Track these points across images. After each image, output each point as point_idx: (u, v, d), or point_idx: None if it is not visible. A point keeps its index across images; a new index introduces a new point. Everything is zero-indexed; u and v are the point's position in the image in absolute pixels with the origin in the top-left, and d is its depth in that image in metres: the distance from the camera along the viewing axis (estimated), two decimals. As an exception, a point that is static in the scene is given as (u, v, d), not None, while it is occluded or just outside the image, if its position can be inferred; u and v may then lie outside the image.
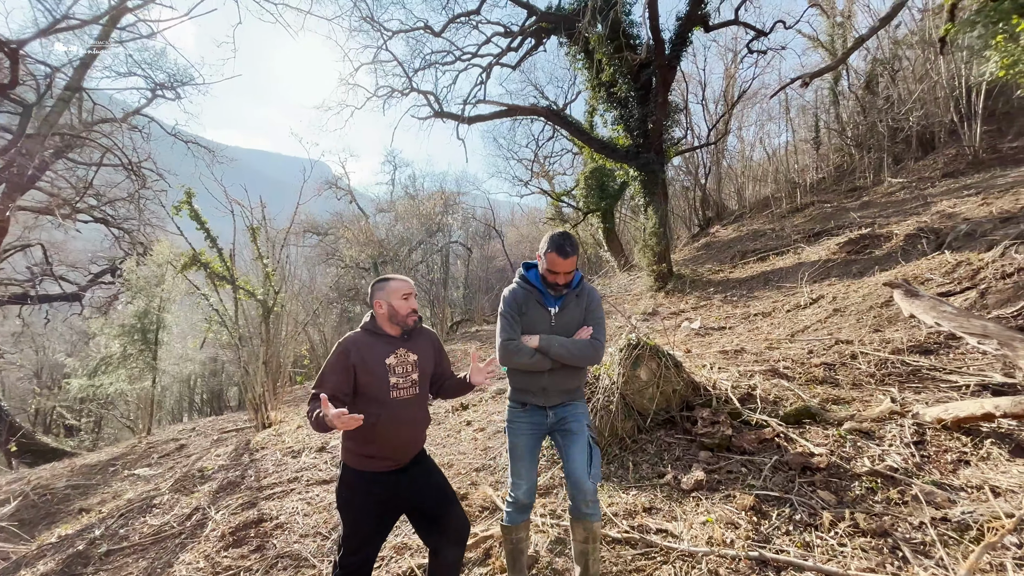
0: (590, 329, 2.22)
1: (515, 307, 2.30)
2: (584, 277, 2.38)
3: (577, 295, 2.27)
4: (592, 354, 2.18)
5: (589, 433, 2.20)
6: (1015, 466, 2.47)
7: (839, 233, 11.19)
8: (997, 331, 2.40)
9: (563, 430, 2.24)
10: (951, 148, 13.72)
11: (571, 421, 2.22)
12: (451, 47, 14.93)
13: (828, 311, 6.61)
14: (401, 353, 2.13)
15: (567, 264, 2.15)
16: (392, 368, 2.09)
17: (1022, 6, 4.02)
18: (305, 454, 5.02)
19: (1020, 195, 8.75)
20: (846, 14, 17.80)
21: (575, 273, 2.28)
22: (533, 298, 2.29)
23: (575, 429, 2.20)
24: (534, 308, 2.27)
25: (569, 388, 2.25)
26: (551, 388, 2.22)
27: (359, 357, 2.05)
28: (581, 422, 2.21)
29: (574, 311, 2.25)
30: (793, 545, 2.25)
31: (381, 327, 2.14)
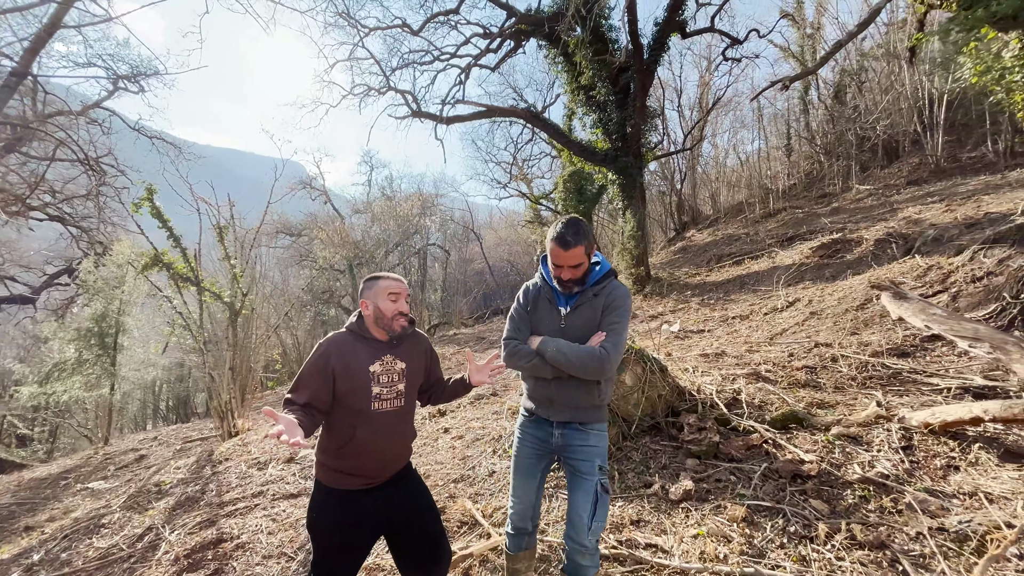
0: (603, 335, 1.87)
1: (525, 305, 2.07)
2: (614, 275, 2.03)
3: (595, 295, 1.93)
4: (595, 365, 1.81)
5: (599, 478, 1.88)
6: (1005, 471, 2.44)
7: (811, 238, 11.42)
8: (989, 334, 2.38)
9: (571, 466, 1.95)
10: (915, 157, 14.22)
11: (580, 458, 1.92)
12: (429, 47, 14.73)
13: (805, 314, 6.67)
14: (388, 360, 1.93)
15: (569, 256, 1.85)
16: (376, 376, 1.89)
17: (994, 15, 4.10)
18: (272, 466, 4.73)
19: (981, 202, 9.06)
20: (816, 26, 18.34)
21: (590, 268, 1.96)
22: (544, 295, 2.03)
23: (584, 470, 1.90)
24: (544, 306, 2.02)
25: (579, 404, 1.94)
26: (558, 400, 1.95)
27: (340, 362, 1.84)
28: (592, 462, 1.90)
29: (588, 312, 1.93)
30: (789, 560, 2.15)
31: (368, 330, 1.94)
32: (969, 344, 2.48)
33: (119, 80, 12.09)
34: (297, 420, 1.66)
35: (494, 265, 28.12)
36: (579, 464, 1.92)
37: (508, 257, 29.80)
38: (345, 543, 1.88)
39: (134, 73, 12.00)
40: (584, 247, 1.87)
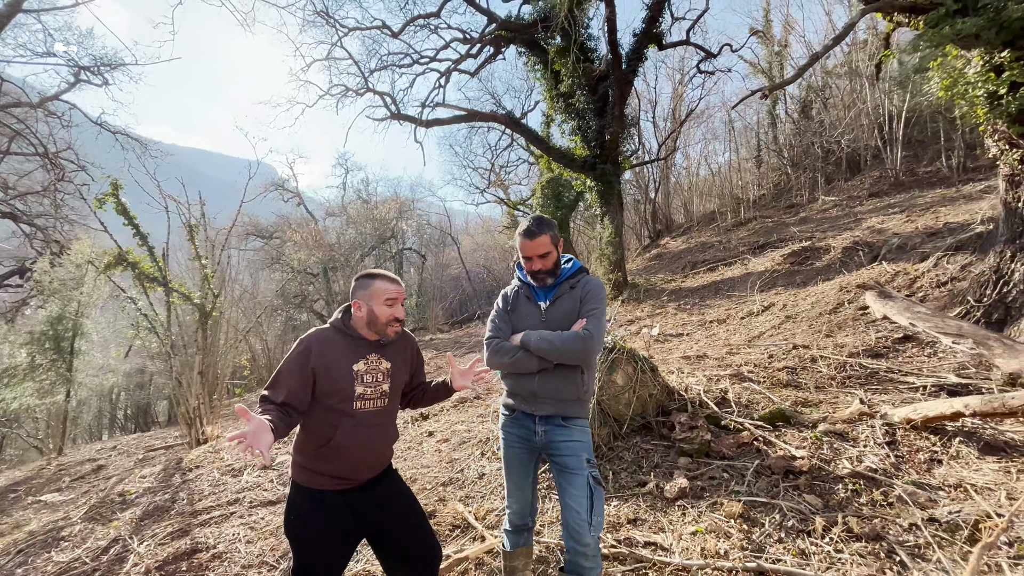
0: (583, 321, 1.91)
1: (504, 305, 2.12)
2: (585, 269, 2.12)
3: (572, 287, 2.01)
4: (579, 347, 1.84)
5: (589, 471, 1.86)
6: (986, 464, 2.53)
7: (782, 246, 11.79)
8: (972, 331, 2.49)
9: (558, 464, 1.91)
10: (875, 170, 14.91)
11: (567, 454, 1.89)
12: (409, 50, 14.64)
13: (780, 318, 6.86)
14: (372, 359, 1.85)
15: (535, 246, 1.95)
16: (360, 376, 1.80)
17: (958, 32, 4.34)
18: (247, 472, 4.53)
19: (939, 213, 9.55)
20: (783, 43, 19.11)
21: (559, 261, 2.04)
22: (523, 293, 2.10)
23: (572, 465, 1.86)
24: (524, 303, 2.08)
25: (563, 396, 1.94)
26: (541, 393, 1.95)
27: (321, 360, 1.75)
28: (579, 456, 1.87)
29: (566, 304, 1.99)
30: (788, 554, 2.17)
31: (355, 328, 1.86)
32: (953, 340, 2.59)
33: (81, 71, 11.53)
34: (270, 422, 1.54)
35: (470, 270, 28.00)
36: (566, 460, 1.89)
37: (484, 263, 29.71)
38: (324, 546, 1.79)
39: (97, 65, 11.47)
40: (549, 237, 1.96)
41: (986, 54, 4.40)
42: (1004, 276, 4.67)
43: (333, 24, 12.01)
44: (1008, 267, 4.66)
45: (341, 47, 12.50)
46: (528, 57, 14.30)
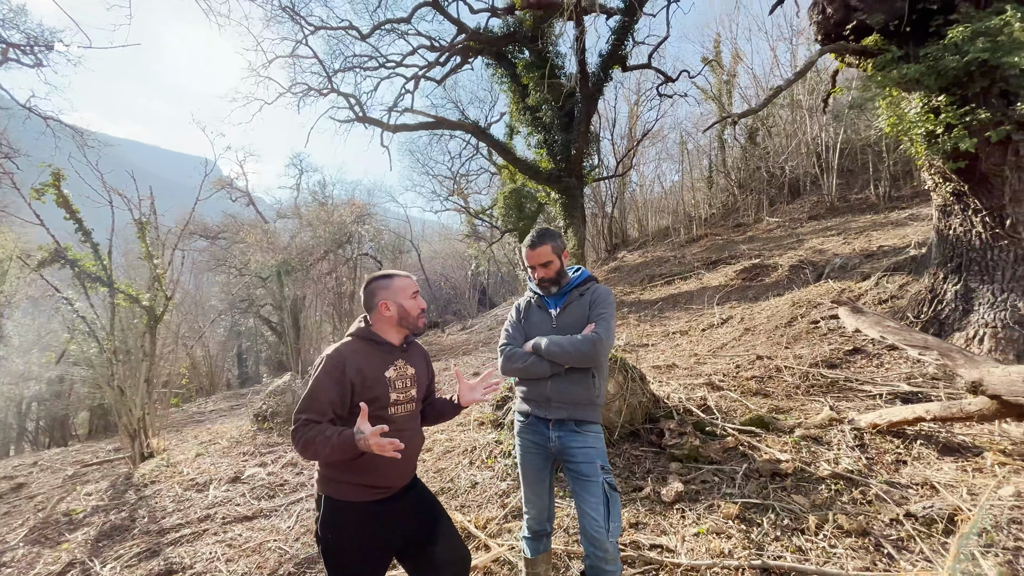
0: (593, 325, 1.99)
1: (517, 315, 2.21)
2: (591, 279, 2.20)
3: (581, 294, 2.09)
4: (589, 349, 1.91)
5: (604, 477, 1.91)
6: (945, 463, 2.82)
7: (733, 262, 12.51)
8: (936, 343, 2.78)
9: (573, 471, 1.96)
10: (814, 195, 16.16)
11: (582, 461, 1.93)
12: (375, 52, 14.45)
13: (740, 330, 7.27)
14: (400, 365, 1.84)
15: (536, 256, 2.07)
16: (392, 382, 1.79)
17: (903, 76, 4.85)
18: (214, 486, 4.25)
19: (871, 237, 10.49)
20: (732, 73, 20.45)
21: (564, 270, 2.12)
22: (535, 303, 2.19)
23: (588, 473, 1.91)
24: (535, 312, 2.17)
25: (576, 400, 1.99)
26: (555, 398, 2.00)
27: (357, 370, 1.72)
28: (594, 463, 1.92)
29: (577, 311, 2.07)
30: (787, 551, 2.31)
31: (381, 334, 1.83)
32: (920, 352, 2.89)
33: (9, 49, 10.51)
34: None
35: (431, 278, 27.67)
36: (581, 467, 1.94)
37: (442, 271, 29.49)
38: (367, 561, 1.74)
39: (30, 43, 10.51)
40: (551, 247, 2.07)
41: (925, 97, 4.93)
42: (938, 295, 5.21)
43: (299, 21, 11.66)
44: (941, 287, 5.21)
45: (306, 45, 12.14)
46: (496, 69, 14.49)
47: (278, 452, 4.93)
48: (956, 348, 2.75)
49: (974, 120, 4.50)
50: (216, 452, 5.37)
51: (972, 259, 5.00)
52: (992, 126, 4.50)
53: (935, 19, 4.89)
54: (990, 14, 4.44)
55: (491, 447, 4.07)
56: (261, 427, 5.49)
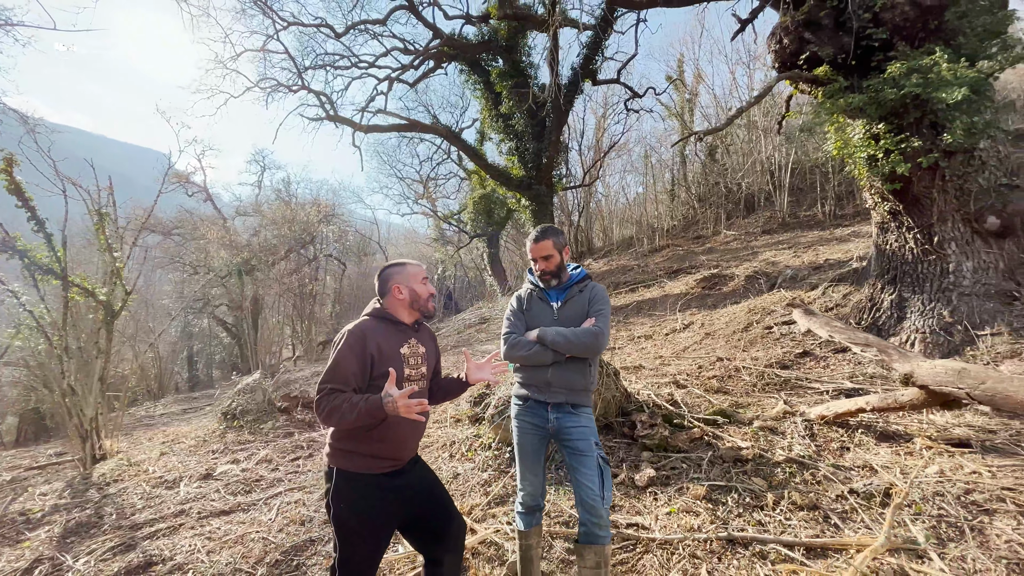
0: (592, 320, 2.18)
1: (519, 305, 2.36)
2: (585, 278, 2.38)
3: (580, 290, 2.29)
4: (591, 341, 2.10)
5: (598, 452, 2.11)
6: (882, 449, 3.18)
7: (693, 272, 13.12)
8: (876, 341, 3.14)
9: (569, 448, 2.14)
10: (767, 211, 17.15)
11: (577, 439, 2.12)
12: (347, 52, 14.35)
13: (701, 335, 7.70)
14: (413, 344, 1.98)
15: (538, 248, 2.26)
16: (406, 359, 1.93)
17: (848, 104, 5.36)
18: (184, 483, 4.16)
19: (818, 251, 11.28)
20: (694, 92, 21.47)
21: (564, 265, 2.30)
22: (536, 295, 2.35)
23: (583, 448, 2.10)
24: (537, 304, 2.33)
25: (573, 386, 2.18)
26: (555, 383, 2.18)
27: (376, 345, 1.85)
28: (589, 440, 2.11)
29: (577, 305, 2.25)
30: (749, 524, 2.57)
31: (394, 314, 1.97)
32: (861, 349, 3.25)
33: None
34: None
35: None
36: (577, 444, 2.13)
37: (407, 274, 29.20)
38: (375, 532, 1.85)
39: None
40: (552, 242, 2.28)
41: (867, 124, 5.47)
42: (876, 304, 5.74)
43: (271, 16, 11.47)
44: (879, 297, 5.74)
45: (277, 40, 11.94)
46: (469, 76, 14.68)
47: (251, 449, 4.86)
48: (892, 346, 3.12)
49: (908, 147, 5.03)
50: (182, 451, 5.23)
51: (905, 272, 5.55)
52: (923, 153, 5.05)
53: (876, 55, 5.44)
54: (922, 53, 5.00)
55: (470, 441, 4.19)
56: (231, 425, 5.39)
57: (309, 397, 6.05)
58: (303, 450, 4.80)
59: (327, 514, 1.86)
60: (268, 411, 5.54)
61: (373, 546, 1.85)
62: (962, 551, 2.15)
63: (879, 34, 5.34)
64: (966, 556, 2.12)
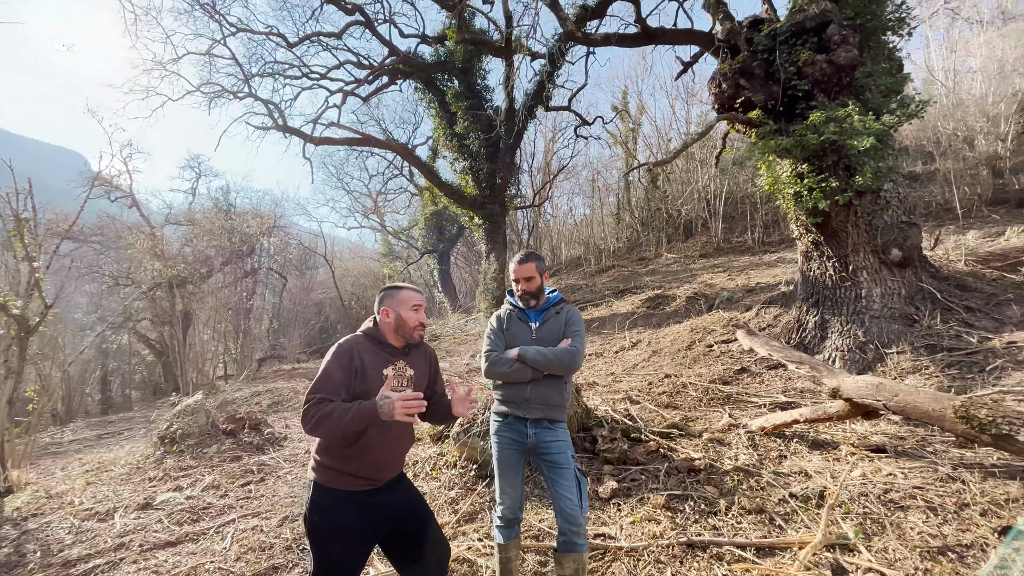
0: (569, 340, 2.32)
1: (499, 325, 2.48)
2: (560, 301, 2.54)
3: (557, 312, 2.44)
4: (568, 360, 2.24)
5: (575, 464, 2.25)
6: (814, 456, 3.54)
7: (638, 292, 13.77)
8: (808, 359, 3.52)
9: (548, 461, 2.25)
10: (703, 236, 18.36)
11: (555, 452, 2.24)
12: (298, 62, 14.06)
13: (648, 353, 8.11)
14: (400, 366, 2.03)
15: (524, 269, 2.40)
16: (388, 380, 1.98)
17: (779, 145, 5.99)
18: (119, 514, 3.85)
19: (750, 275, 12.23)
20: (637, 123, 22.78)
21: (543, 288, 2.45)
22: (515, 316, 2.48)
23: (561, 462, 2.22)
24: (516, 324, 2.45)
25: (550, 402, 2.31)
26: (533, 399, 2.30)
27: (360, 361, 1.90)
28: (566, 453, 2.25)
29: (554, 326, 2.39)
30: (705, 529, 2.79)
31: (384, 336, 2.02)
32: (796, 366, 3.64)
33: None
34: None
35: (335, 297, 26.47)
36: (556, 457, 2.26)
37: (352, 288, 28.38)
38: (347, 545, 1.87)
39: None
40: (535, 265, 2.44)
41: (793, 164, 6.12)
42: (803, 324, 6.36)
43: (218, 20, 11.06)
44: (805, 318, 6.36)
45: (224, 45, 11.51)
46: (424, 94, 14.80)
47: (194, 475, 4.56)
48: (822, 363, 3.52)
49: (828, 186, 5.69)
50: (112, 480, 4.81)
51: (826, 296, 6.21)
52: (840, 192, 5.72)
53: (800, 104, 6.14)
54: (838, 105, 5.71)
55: (434, 460, 4.20)
56: (169, 450, 5.02)
57: (257, 418, 5.77)
58: (253, 475, 4.57)
59: (304, 525, 1.87)
60: (212, 434, 5.22)
61: (346, 560, 1.87)
62: (884, 543, 2.47)
63: (802, 85, 6.04)
64: (888, 547, 2.43)
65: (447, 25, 13.67)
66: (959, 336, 5.21)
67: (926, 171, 13.72)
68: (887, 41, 6.26)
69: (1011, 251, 7.01)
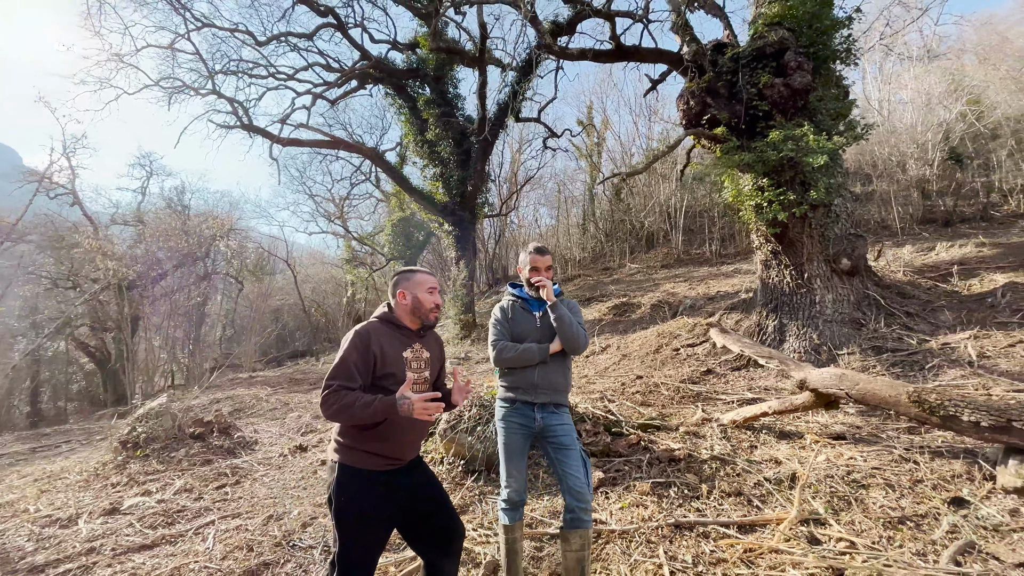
0: None
1: (504, 315, 2.58)
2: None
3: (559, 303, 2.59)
4: (583, 333, 2.46)
5: (580, 446, 2.37)
6: (782, 445, 3.81)
7: (605, 299, 14.15)
8: (777, 355, 3.80)
9: (555, 443, 2.36)
10: (664, 247, 19.09)
11: (562, 435, 2.36)
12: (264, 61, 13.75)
13: (618, 356, 8.37)
14: (417, 348, 2.09)
15: (545, 260, 2.54)
16: (408, 362, 2.03)
17: (740, 160, 6.41)
18: (84, 520, 3.64)
19: (710, 284, 12.83)
20: (601, 137, 23.53)
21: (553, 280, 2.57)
22: (519, 306, 2.59)
23: (567, 443, 2.34)
24: (520, 314, 2.57)
25: (557, 387, 2.44)
26: (541, 384, 2.41)
27: (379, 346, 1.95)
28: (572, 436, 2.37)
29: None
30: (690, 512, 2.96)
31: (399, 319, 2.08)
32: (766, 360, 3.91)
33: None
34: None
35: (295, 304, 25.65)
36: (562, 439, 2.38)
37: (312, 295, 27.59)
38: (373, 524, 1.91)
39: None
40: (550, 256, 2.60)
41: (755, 178, 6.56)
42: (763, 328, 6.77)
43: (183, 14, 10.70)
44: (765, 323, 6.78)
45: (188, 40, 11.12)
46: (395, 100, 14.77)
47: (163, 480, 4.35)
48: (789, 358, 3.82)
49: (786, 199, 6.13)
50: (69, 487, 4.51)
51: (784, 302, 6.65)
52: (796, 205, 6.18)
53: (761, 123, 6.60)
54: (794, 125, 6.18)
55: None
56: (133, 456, 4.76)
57: (226, 422, 5.56)
58: (228, 477, 4.42)
59: (328, 507, 1.90)
60: (179, 438, 4.99)
61: (371, 539, 1.90)
62: (851, 517, 2.71)
63: (762, 106, 6.51)
64: (854, 520, 2.68)
65: (419, 32, 13.76)
66: (901, 338, 5.72)
67: (865, 191, 14.90)
68: (835, 69, 6.86)
69: (942, 263, 7.75)
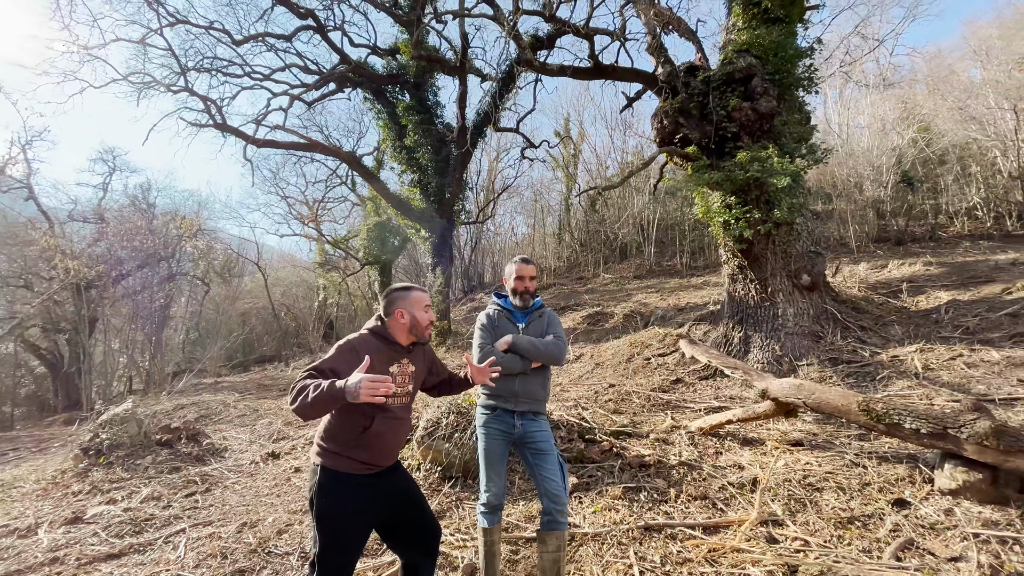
0: (551, 337, 2.60)
1: (491, 322, 2.70)
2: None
3: (540, 315, 2.71)
4: (556, 351, 2.54)
5: (557, 451, 2.50)
6: (745, 451, 4.01)
7: (579, 309, 14.39)
8: (741, 365, 4.00)
9: (533, 449, 2.47)
10: (638, 259, 19.55)
11: (540, 441, 2.47)
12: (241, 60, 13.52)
13: (591, 365, 8.55)
14: (404, 364, 2.17)
15: (530, 270, 2.68)
16: (393, 376, 2.11)
17: (710, 179, 6.71)
18: (44, 530, 3.52)
19: (680, 296, 13.23)
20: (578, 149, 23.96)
21: (536, 290, 2.74)
22: (504, 316, 2.71)
23: (545, 448, 2.46)
24: (504, 324, 2.68)
25: (536, 396, 2.55)
26: (521, 394, 2.52)
27: (366, 357, 2.02)
28: (550, 442, 2.49)
29: (538, 326, 2.66)
30: (659, 515, 3.11)
31: (393, 335, 2.15)
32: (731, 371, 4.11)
33: None
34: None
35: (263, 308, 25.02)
36: (540, 445, 2.50)
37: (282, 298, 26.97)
38: (353, 525, 1.99)
39: None
40: (534, 267, 2.76)
41: (723, 196, 6.87)
42: (729, 339, 7.06)
43: (156, 9, 10.45)
44: (731, 334, 7.08)
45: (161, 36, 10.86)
46: (373, 104, 14.75)
47: (129, 487, 4.23)
48: (752, 368, 4.04)
49: (752, 217, 6.45)
50: (24, 496, 4.33)
51: (749, 314, 6.96)
52: (761, 223, 6.50)
53: (729, 143, 6.94)
54: (760, 147, 6.53)
55: (396, 464, 4.23)
56: (96, 463, 4.61)
57: (195, 428, 5.43)
58: (197, 485, 4.33)
59: (309, 508, 1.95)
60: (145, 445, 4.86)
61: (351, 540, 1.98)
62: (806, 518, 2.91)
63: (731, 128, 6.85)
64: (809, 521, 2.87)
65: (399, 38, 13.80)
66: (855, 351, 6.08)
67: (825, 210, 15.68)
68: (799, 96, 7.28)
69: (893, 280, 8.25)
